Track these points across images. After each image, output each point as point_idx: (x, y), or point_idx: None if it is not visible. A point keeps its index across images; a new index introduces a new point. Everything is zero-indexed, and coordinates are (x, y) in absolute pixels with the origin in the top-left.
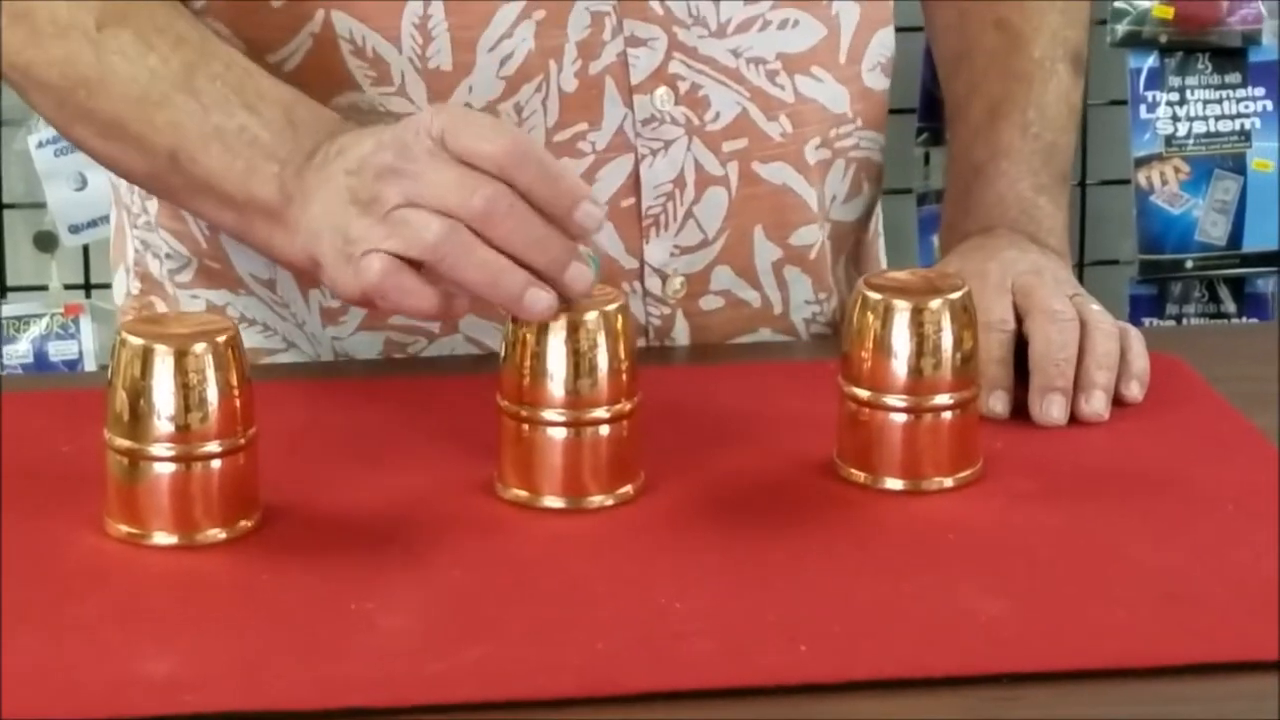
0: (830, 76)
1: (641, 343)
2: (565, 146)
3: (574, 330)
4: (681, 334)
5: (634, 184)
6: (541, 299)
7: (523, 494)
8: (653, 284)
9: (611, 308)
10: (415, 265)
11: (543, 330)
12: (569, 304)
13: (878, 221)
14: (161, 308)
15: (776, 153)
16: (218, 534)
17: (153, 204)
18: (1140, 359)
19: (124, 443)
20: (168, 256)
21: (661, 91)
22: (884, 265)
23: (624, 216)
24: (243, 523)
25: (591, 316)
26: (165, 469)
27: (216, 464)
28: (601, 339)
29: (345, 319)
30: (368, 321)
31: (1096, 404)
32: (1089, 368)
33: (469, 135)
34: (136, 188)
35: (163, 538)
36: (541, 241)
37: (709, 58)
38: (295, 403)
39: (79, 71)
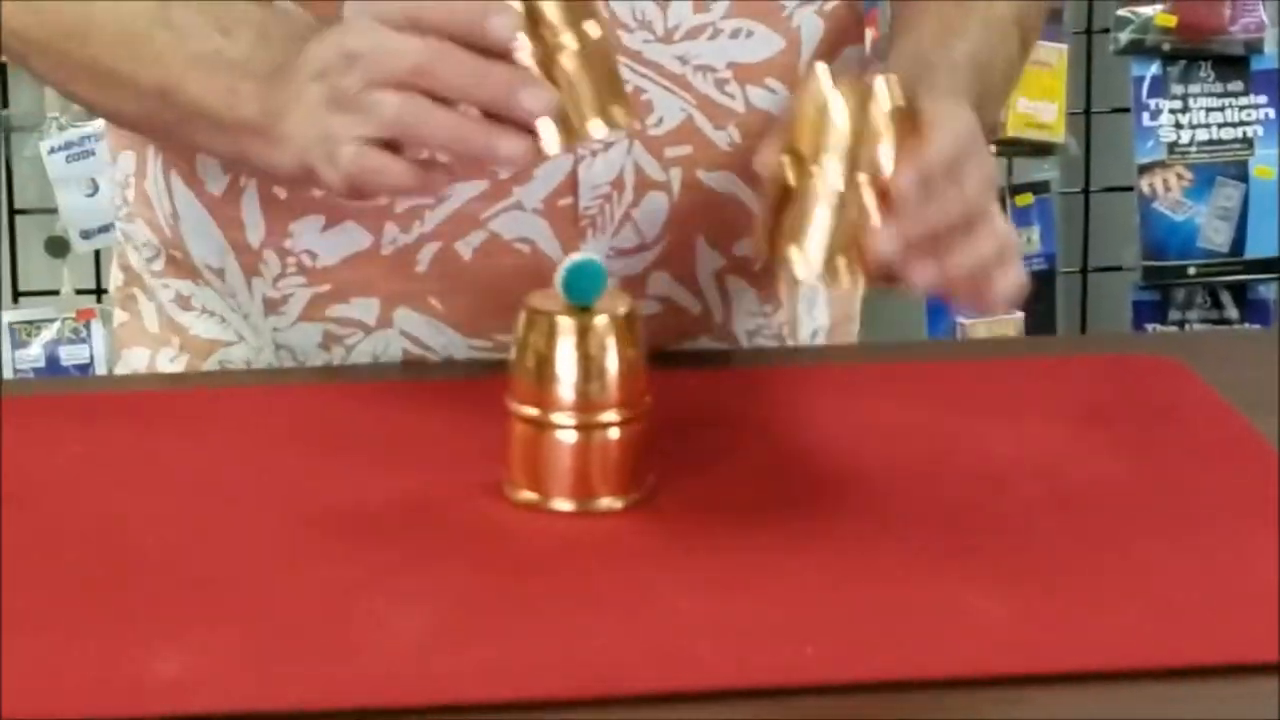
0: (786, 89)
1: None
2: None
3: (584, 334)
4: None
5: (571, 183)
6: (511, 143)
7: (532, 496)
8: None
9: (622, 311)
10: (396, 146)
11: (552, 334)
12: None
13: None
14: (141, 299)
15: (723, 161)
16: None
17: (130, 192)
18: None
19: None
20: (144, 245)
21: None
22: None
23: (561, 215)
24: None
25: (602, 320)
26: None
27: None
28: (611, 343)
29: (285, 309)
30: (306, 313)
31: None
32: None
33: (394, 12)
34: (118, 179)
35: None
36: (479, 74)
37: (654, 63)
38: (300, 406)
39: (66, 23)
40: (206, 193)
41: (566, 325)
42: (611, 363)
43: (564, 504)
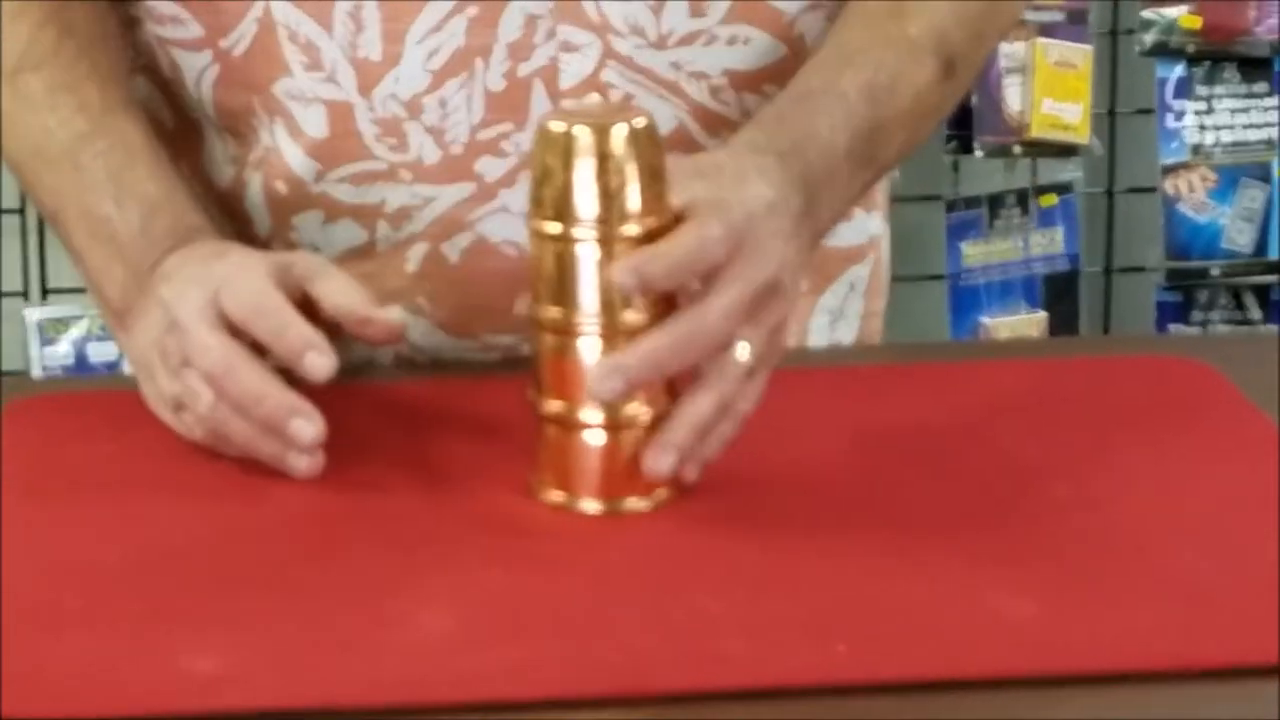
0: None
1: None
2: (488, 145)
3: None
4: None
5: None
6: (298, 464)
7: (560, 496)
8: None
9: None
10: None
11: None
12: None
13: (878, 238)
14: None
15: None
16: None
17: None
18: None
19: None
20: None
21: (592, 98)
22: (859, 282)
23: None
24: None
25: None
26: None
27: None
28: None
29: None
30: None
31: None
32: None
33: (225, 298)
34: None
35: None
36: (258, 399)
37: (646, 68)
38: (325, 405)
39: (6, 111)
40: (214, 186)
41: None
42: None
43: (592, 504)
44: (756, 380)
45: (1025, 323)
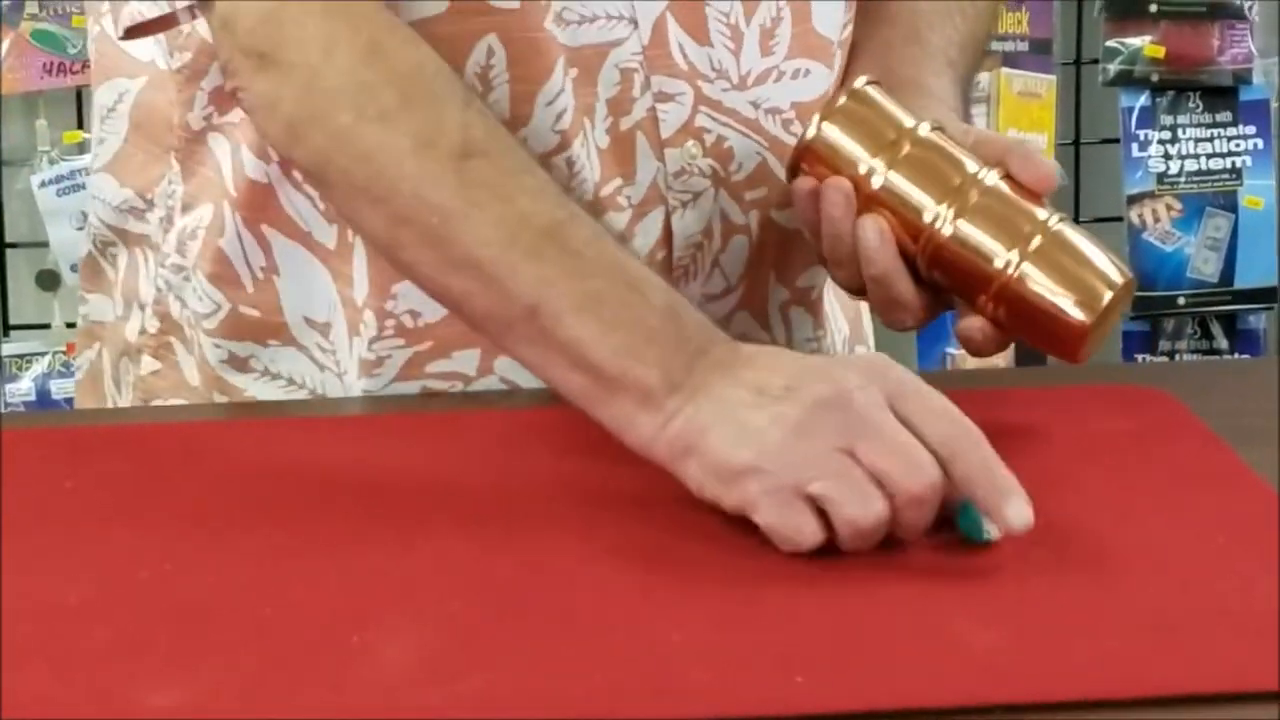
0: None
1: None
2: (608, 201)
3: None
4: None
5: (666, 236)
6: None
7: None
8: None
9: None
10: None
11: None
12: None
13: None
14: (180, 350)
15: (790, 199)
16: None
17: (195, 245)
18: None
19: None
20: (198, 301)
21: (690, 145)
22: None
23: (657, 267)
24: None
25: None
26: None
27: None
28: None
29: (380, 372)
30: (404, 373)
31: None
32: None
33: (919, 403)
34: (173, 233)
35: None
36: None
37: (732, 110)
38: (289, 440)
39: (437, 197)
40: (318, 244)
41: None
42: None
43: None
44: None
45: None
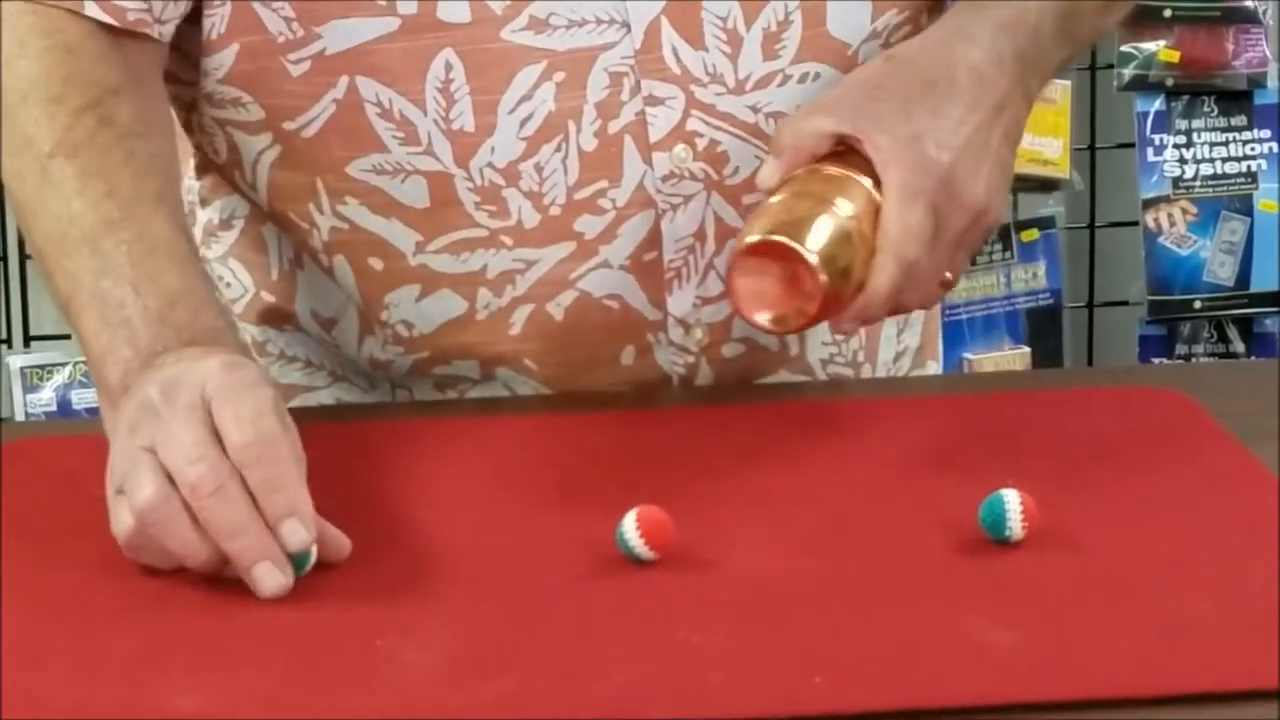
0: None
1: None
2: (586, 203)
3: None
4: (705, 380)
5: (655, 238)
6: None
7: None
8: (676, 334)
9: None
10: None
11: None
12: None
13: None
14: None
15: None
16: None
17: (235, 233)
18: None
19: None
20: (227, 286)
21: (680, 149)
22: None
23: (646, 270)
24: None
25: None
26: None
27: None
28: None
29: (392, 371)
30: (413, 371)
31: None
32: None
33: (227, 413)
34: (198, 227)
35: None
36: (237, 532)
37: (727, 114)
38: (310, 446)
39: (22, 191)
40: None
41: None
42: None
43: None
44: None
45: (1009, 358)
